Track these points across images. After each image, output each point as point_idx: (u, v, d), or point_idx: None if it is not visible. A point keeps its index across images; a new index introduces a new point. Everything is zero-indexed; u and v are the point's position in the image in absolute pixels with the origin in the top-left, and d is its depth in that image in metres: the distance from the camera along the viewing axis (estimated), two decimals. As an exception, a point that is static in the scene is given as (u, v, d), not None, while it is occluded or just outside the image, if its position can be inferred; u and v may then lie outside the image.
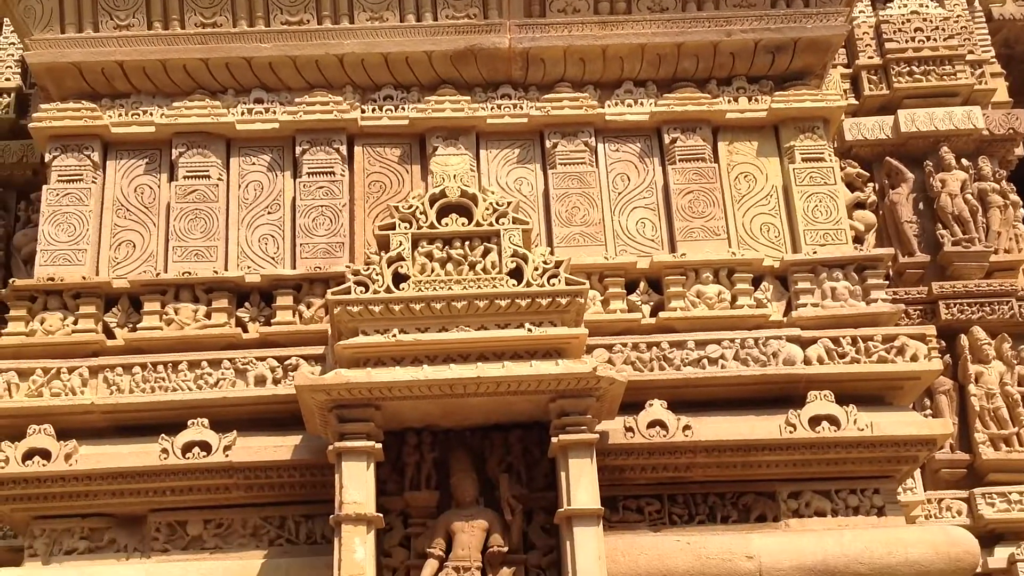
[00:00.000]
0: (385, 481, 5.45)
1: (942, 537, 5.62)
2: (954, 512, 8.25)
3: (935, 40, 9.29)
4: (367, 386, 5.21)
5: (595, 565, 5.01)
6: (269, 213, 6.39)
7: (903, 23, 9.38)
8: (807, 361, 5.89)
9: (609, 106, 6.56)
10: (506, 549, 5.29)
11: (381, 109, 6.55)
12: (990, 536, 8.20)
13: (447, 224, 5.59)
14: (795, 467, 5.75)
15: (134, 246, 6.30)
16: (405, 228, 5.58)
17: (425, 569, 5.24)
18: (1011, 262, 9.00)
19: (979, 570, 7.76)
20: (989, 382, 8.60)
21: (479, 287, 5.42)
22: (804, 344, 5.93)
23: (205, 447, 5.62)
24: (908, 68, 9.25)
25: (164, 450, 5.62)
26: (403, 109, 6.53)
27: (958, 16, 9.49)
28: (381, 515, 5.18)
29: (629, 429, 5.66)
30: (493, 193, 5.75)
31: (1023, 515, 8.15)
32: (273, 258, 6.28)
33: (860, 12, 9.47)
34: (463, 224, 5.59)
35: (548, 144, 6.51)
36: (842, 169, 8.95)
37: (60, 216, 6.30)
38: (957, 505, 8.32)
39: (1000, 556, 8.02)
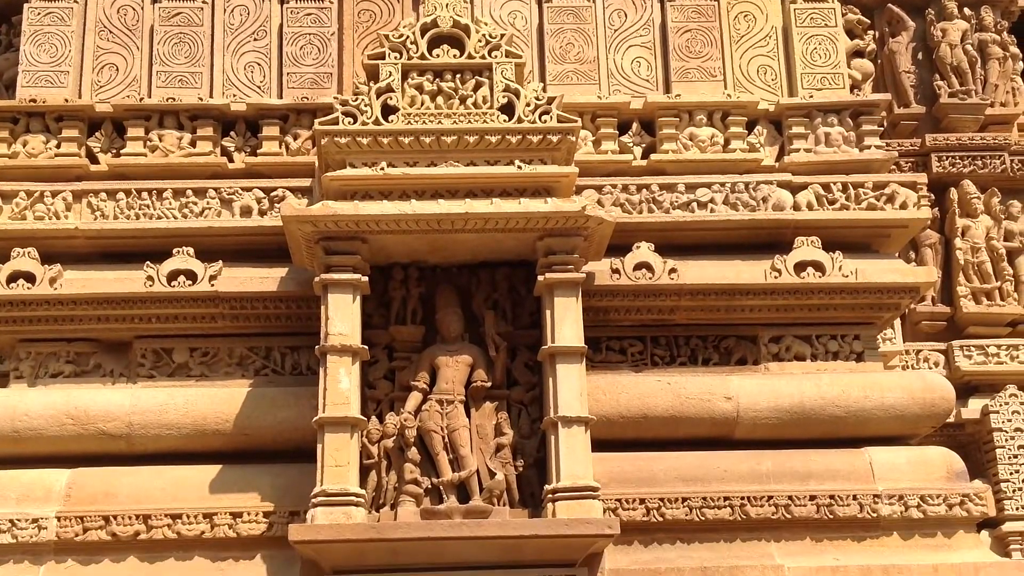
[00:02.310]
0: (371, 315, 5.46)
1: (918, 383, 5.71)
2: (931, 363, 8.38)
3: None
4: (354, 219, 5.17)
5: (576, 401, 5.07)
6: (255, 40, 6.23)
7: None
8: (796, 207, 5.87)
9: (609, -62, 6.35)
10: (489, 384, 5.35)
11: (366, -64, 6.32)
12: (966, 388, 8.35)
13: (438, 55, 5.47)
14: (778, 312, 5.79)
15: (117, 69, 6.15)
16: (395, 58, 5.45)
17: (409, 401, 5.30)
18: (1006, 115, 8.90)
19: (953, 420, 7.97)
20: (975, 236, 8.62)
21: (469, 121, 5.34)
22: (795, 190, 5.90)
23: (191, 276, 5.60)
24: (916, -90, 8.96)
25: (149, 277, 5.60)
26: (392, -63, 6.31)
27: None
28: (366, 347, 5.21)
29: (616, 271, 5.66)
30: (486, 25, 5.60)
31: (999, 368, 8.29)
32: (259, 87, 6.15)
33: None
34: (455, 56, 5.47)
35: (547, -24, 6.32)
36: (843, 15, 8.75)
37: (42, 36, 6.13)
38: (935, 357, 8.44)
39: (974, 407, 8.19)
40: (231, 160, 5.96)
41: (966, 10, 9.01)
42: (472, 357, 5.37)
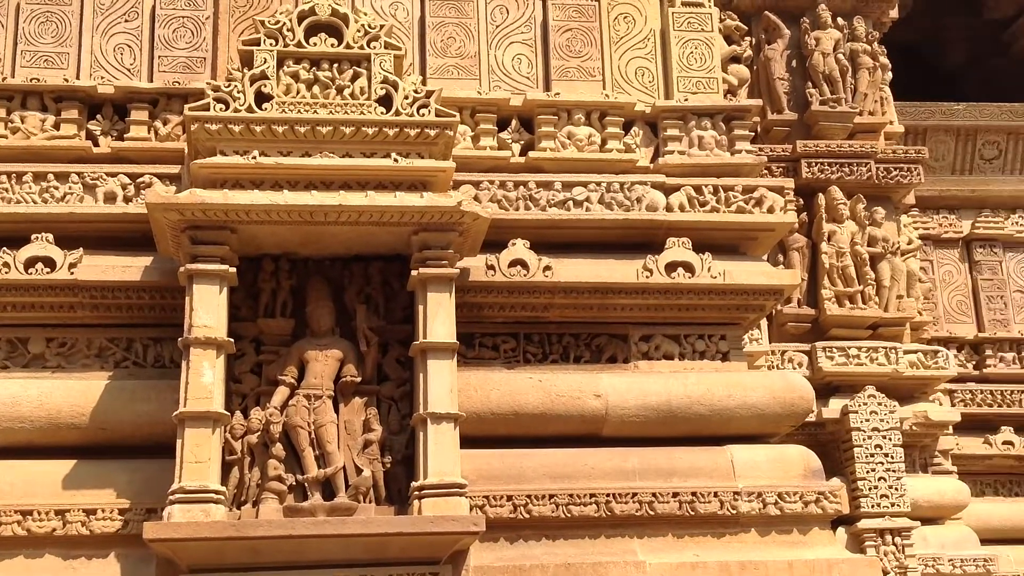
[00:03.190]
0: (239, 307, 5.35)
1: (780, 383, 5.85)
2: (795, 364, 8.62)
3: None
4: (223, 208, 5.05)
5: (447, 398, 5.06)
6: (126, 21, 6.04)
7: None
8: (669, 208, 5.95)
9: (491, -67, 6.34)
10: (359, 379, 5.29)
11: (254, -82, 6.18)
12: (827, 388, 8.61)
13: (315, 44, 5.38)
14: (649, 311, 5.86)
15: (-24, 47, 5.90)
16: (271, 45, 5.35)
17: (275, 396, 5.21)
18: (874, 124, 9.20)
19: (814, 419, 8.21)
20: (841, 241, 8.88)
21: (346, 112, 5.27)
22: (668, 191, 5.98)
23: (49, 263, 5.40)
24: (792, -80, 9.19)
25: (5, 264, 5.38)
26: (275, -81, 6.18)
27: None
28: (232, 340, 5.10)
29: (491, 267, 5.66)
30: (366, 15, 5.53)
31: (859, 369, 8.56)
32: (129, 70, 5.97)
33: None
34: (332, 45, 5.39)
35: (426, -31, 6.28)
36: (721, 21, 8.90)
37: None
38: (799, 357, 8.68)
39: (834, 407, 8.44)
40: (96, 144, 5.77)
41: (839, 20, 9.27)
42: (342, 352, 5.30)
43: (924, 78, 12.67)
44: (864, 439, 8.18)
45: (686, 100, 6.17)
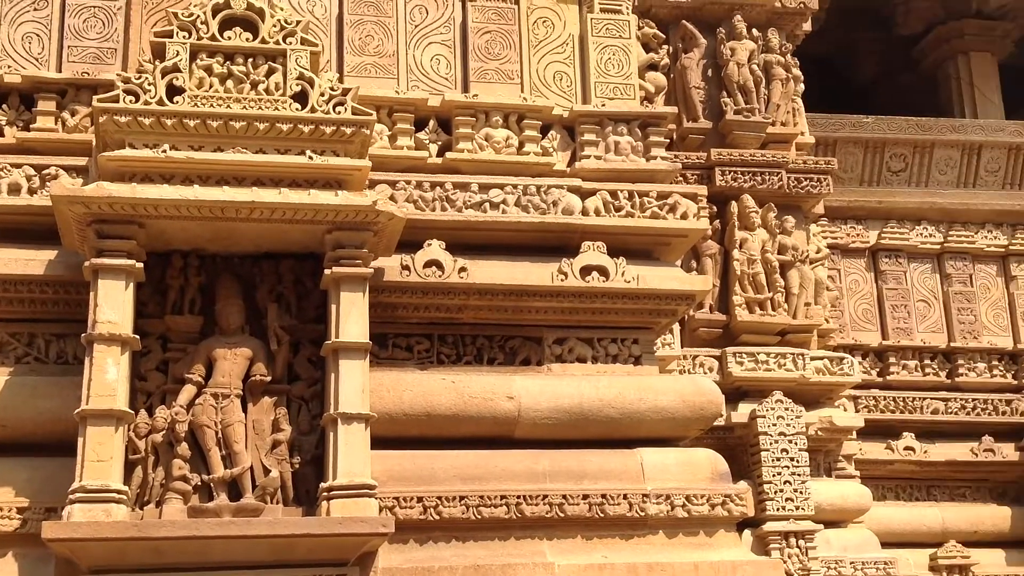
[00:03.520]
0: (146, 303, 5.24)
1: (690, 387, 5.92)
2: (707, 368, 8.73)
3: (739, -94, 9.36)
4: (131, 202, 4.95)
5: (358, 398, 5.02)
6: (35, 10, 5.88)
7: None
8: (585, 212, 5.98)
9: (410, -68, 6.32)
10: (269, 378, 5.22)
11: (161, -96, 6.07)
12: (737, 392, 8.73)
13: (230, 38, 5.31)
14: (563, 314, 5.89)
15: None
16: (184, 37, 5.26)
17: (182, 394, 5.11)
18: (786, 134, 9.36)
19: (724, 423, 8.33)
20: (752, 248, 9.02)
21: (261, 108, 5.20)
22: (584, 195, 6.01)
23: (-51, 254, 5.24)
24: (710, -68, 9.31)
25: (-98, 254, 5.21)
26: (190, -90, 6.07)
27: None
28: (137, 337, 4.99)
29: (405, 267, 5.64)
30: (283, 10, 5.46)
31: (768, 374, 8.71)
32: (37, 59, 5.81)
33: None
34: (247, 40, 5.32)
35: (346, -34, 6.23)
36: (639, 29, 9.00)
37: None
38: (710, 362, 8.79)
39: (743, 411, 8.57)
40: (1, 134, 5.61)
41: (754, 31, 9.42)
42: (252, 350, 5.23)
43: (836, 91, 12.94)
44: (771, 443, 8.32)
45: (603, 105, 6.21)
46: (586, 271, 5.83)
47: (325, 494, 4.91)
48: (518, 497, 5.42)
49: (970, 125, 11.25)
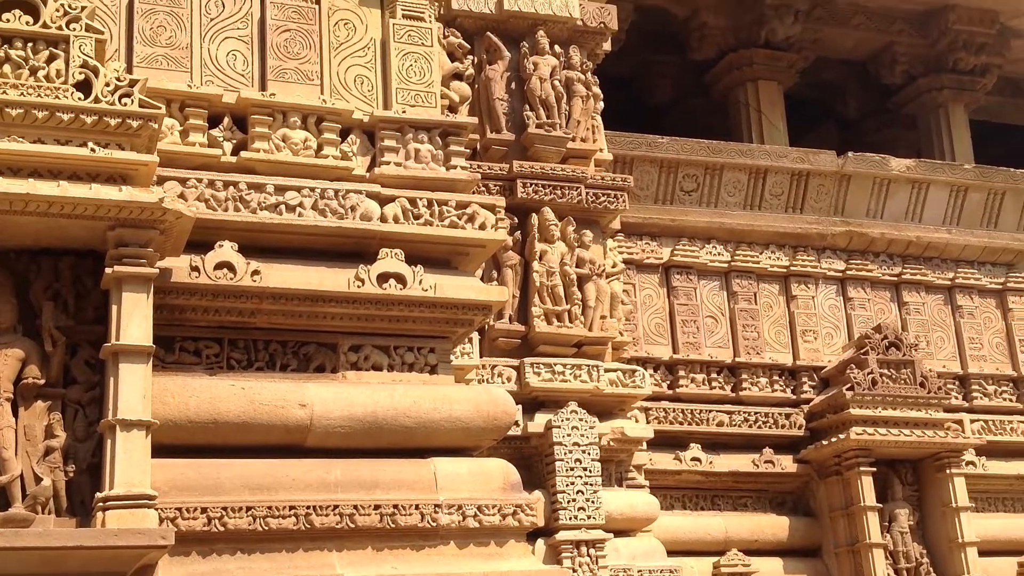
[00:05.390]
0: (-93, 300, 4.87)
1: (484, 396, 5.93)
2: (505, 378, 8.78)
3: (545, -78, 9.50)
4: None
5: (139, 404, 4.79)
6: None
7: (514, -103, 9.49)
8: (383, 218, 5.91)
9: (210, -78, 6.11)
10: (43, 382, 4.92)
11: None
12: (534, 403, 8.82)
13: (8, 21, 5.00)
14: (359, 321, 5.80)
15: None
16: (-44, 18, 4.92)
17: (-55, 397, 4.78)
18: (586, 150, 9.54)
19: (520, 433, 8.39)
20: (551, 261, 9.14)
21: (40, 96, 4.92)
22: (383, 201, 5.94)
23: None
24: (517, -55, 9.41)
25: None
26: None
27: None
28: None
29: (195, 268, 5.43)
30: (67, -6, 5.18)
31: (564, 385, 8.82)
32: None
33: None
34: (27, 23, 5.02)
35: (138, -47, 5.97)
36: (445, 38, 9.00)
37: None
38: (508, 372, 8.85)
39: (539, 421, 8.66)
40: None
41: (557, 47, 9.57)
42: (25, 351, 4.92)
43: (633, 111, 13.30)
44: (565, 453, 8.43)
45: (404, 112, 6.16)
46: (383, 278, 5.76)
47: (101, 504, 4.65)
48: (308, 508, 5.28)
49: (757, 150, 11.75)
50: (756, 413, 10.85)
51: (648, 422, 10.08)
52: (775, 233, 11.49)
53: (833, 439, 10.51)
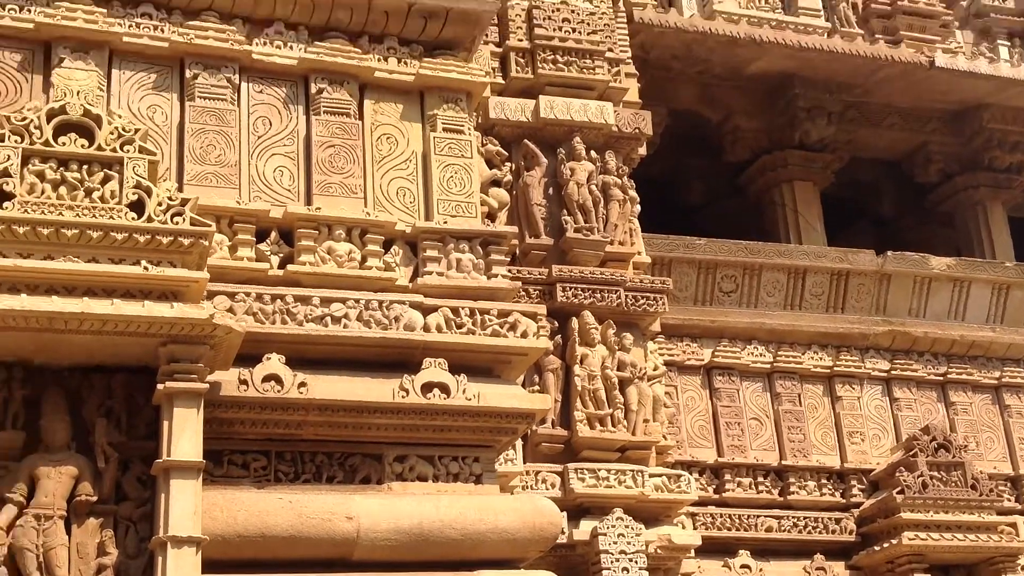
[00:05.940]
0: (-36, 417, 4.95)
1: (529, 507, 5.89)
2: (549, 484, 8.69)
3: (580, 33, 9.71)
4: (-49, 311, 4.70)
5: (189, 520, 4.80)
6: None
7: (552, 12, 9.72)
8: (426, 328, 5.96)
9: (257, 45, 6.31)
10: (95, 498, 4.97)
11: (4, 8, 5.91)
12: (579, 509, 8.71)
13: (65, 144, 5.16)
14: (404, 431, 5.81)
15: None
16: (16, 142, 5.09)
17: (2, 515, 4.82)
18: (624, 254, 9.59)
19: (565, 540, 8.28)
20: (592, 364, 9.12)
21: (95, 216, 5.05)
22: (426, 311, 6.00)
23: None
24: (553, 56, 9.60)
25: None
26: (29, 11, 5.92)
27: (603, 13, 9.97)
28: (-46, 454, 4.71)
29: (243, 382, 5.49)
30: (121, 117, 5.36)
31: (608, 491, 8.72)
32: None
33: (515, -6, 9.71)
34: (83, 146, 5.18)
35: (188, 74, 6.16)
36: (483, 146, 9.17)
37: None
38: (552, 478, 8.76)
39: (585, 528, 8.54)
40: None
41: (593, 153, 9.69)
42: (78, 468, 4.98)
43: (668, 211, 13.38)
44: (612, 562, 8.29)
45: (446, 223, 6.25)
46: (427, 388, 5.79)
47: (152, 622, 4.65)
48: (353, 622, 5.25)
49: (795, 250, 11.74)
50: (805, 518, 10.64)
51: (695, 528, 9.90)
52: (817, 333, 11.42)
53: (885, 544, 10.29)
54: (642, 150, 10.15)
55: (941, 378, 11.70)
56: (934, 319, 11.85)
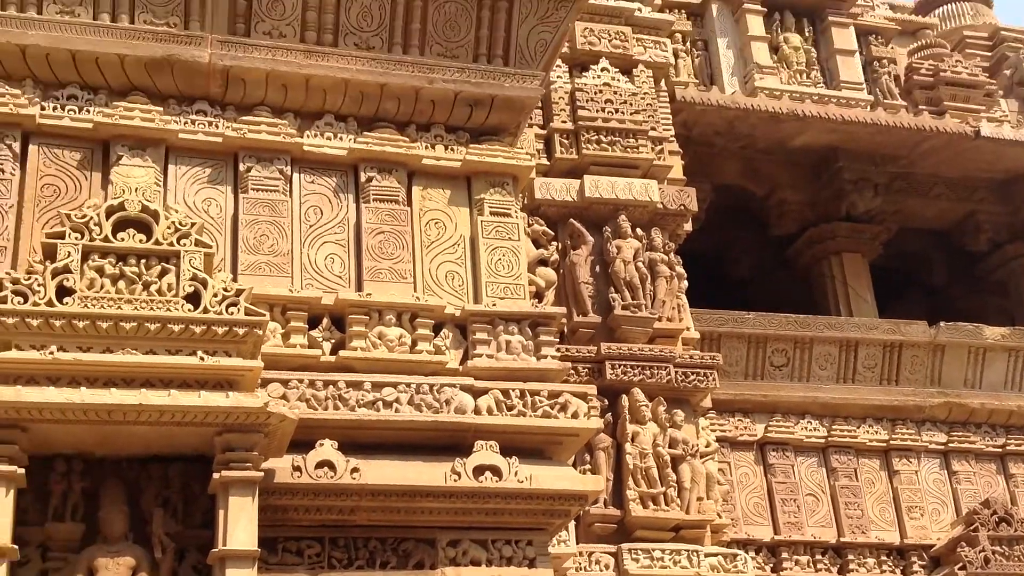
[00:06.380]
0: (26, 510, 5.03)
1: (585, 591, 5.86)
2: (603, 566, 8.60)
3: (623, 113, 9.82)
4: (15, 406, 4.81)
5: (246, 609, 4.84)
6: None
7: (596, 93, 9.85)
8: (477, 411, 5.98)
9: (308, 137, 6.47)
10: (153, 589, 5.02)
11: (64, 109, 6.13)
12: (634, 590, 8.61)
13: (123, 239, 5.30)
14: (456, 515, 5.81)
15: None
16: (76, 238, 5.24)
17: (60, 607, 4.88)
18: (672, 330, 9.58)
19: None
20: (644, 442, 9.05)
21: (152, 308, 5.17)
22: (476, 394, 6.03)
23: None
24: (596, 136, 9.71)
25: None
26: (88, 112, 6.14)
27: (645, 93, 10.08)
28: (16, 547, 4.77)
29: (297, 468, 5.54)
30: (177, 212, 5.51)
31: (663, 572, 8.60)
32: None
33: (557, 78, 9.86)
34: (141, 241, 5.33)
35: (242, 167, 6.32)
36: (529, 226, 9.25)
37: None
38: (606, 559, 8.67)
39: (641, 609, 8.44)
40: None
41: (638, 230, 9.73)
42: (135, 559, 5.04)
43: (718, 285, 13.37)
44: (670, 646, 8.19)
45: (494, 305, 6.31)
46: (479, 471, 5.80)
47: None
48: None
49: (846, 323, 11.66)
50: (867, 596, 10.44)
51: (754, 608, 9.75)
52: (871, 406, 11.28)
53: (948, 620, 10.07)
54: (688, 226, 10.18)
55: (1000, 450, 11.49)
56: (990, 390, 11.68)
